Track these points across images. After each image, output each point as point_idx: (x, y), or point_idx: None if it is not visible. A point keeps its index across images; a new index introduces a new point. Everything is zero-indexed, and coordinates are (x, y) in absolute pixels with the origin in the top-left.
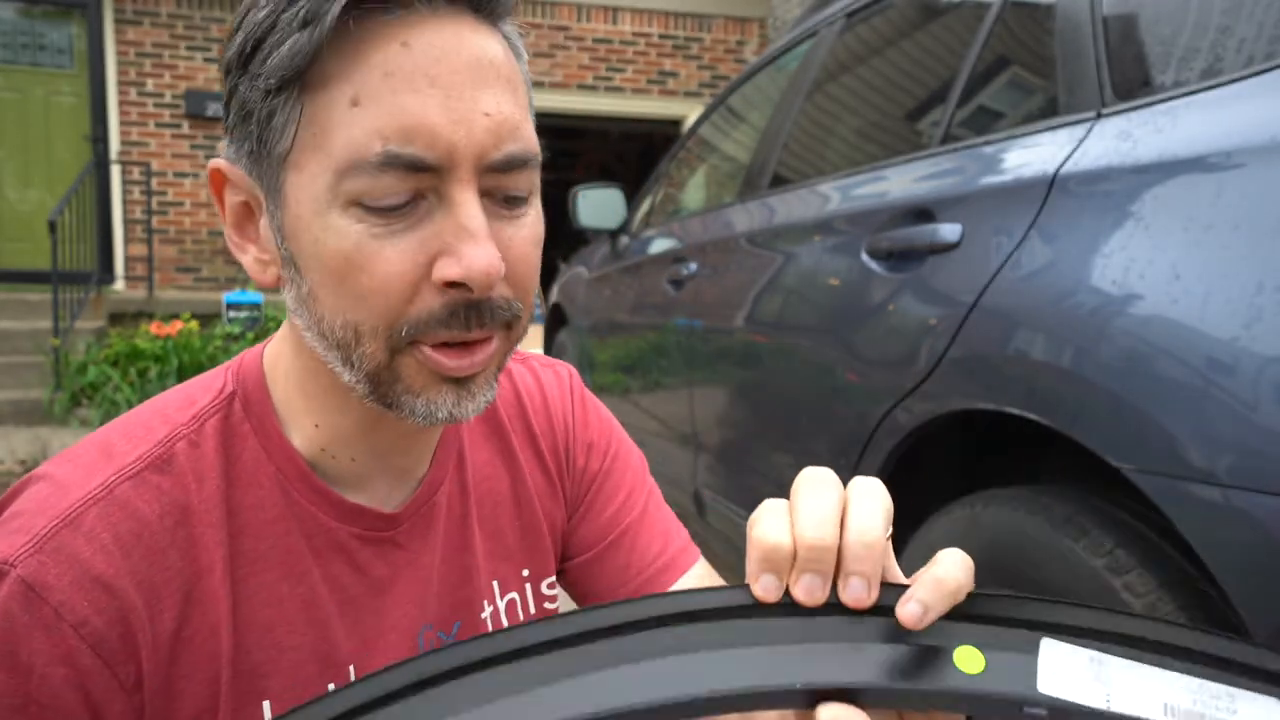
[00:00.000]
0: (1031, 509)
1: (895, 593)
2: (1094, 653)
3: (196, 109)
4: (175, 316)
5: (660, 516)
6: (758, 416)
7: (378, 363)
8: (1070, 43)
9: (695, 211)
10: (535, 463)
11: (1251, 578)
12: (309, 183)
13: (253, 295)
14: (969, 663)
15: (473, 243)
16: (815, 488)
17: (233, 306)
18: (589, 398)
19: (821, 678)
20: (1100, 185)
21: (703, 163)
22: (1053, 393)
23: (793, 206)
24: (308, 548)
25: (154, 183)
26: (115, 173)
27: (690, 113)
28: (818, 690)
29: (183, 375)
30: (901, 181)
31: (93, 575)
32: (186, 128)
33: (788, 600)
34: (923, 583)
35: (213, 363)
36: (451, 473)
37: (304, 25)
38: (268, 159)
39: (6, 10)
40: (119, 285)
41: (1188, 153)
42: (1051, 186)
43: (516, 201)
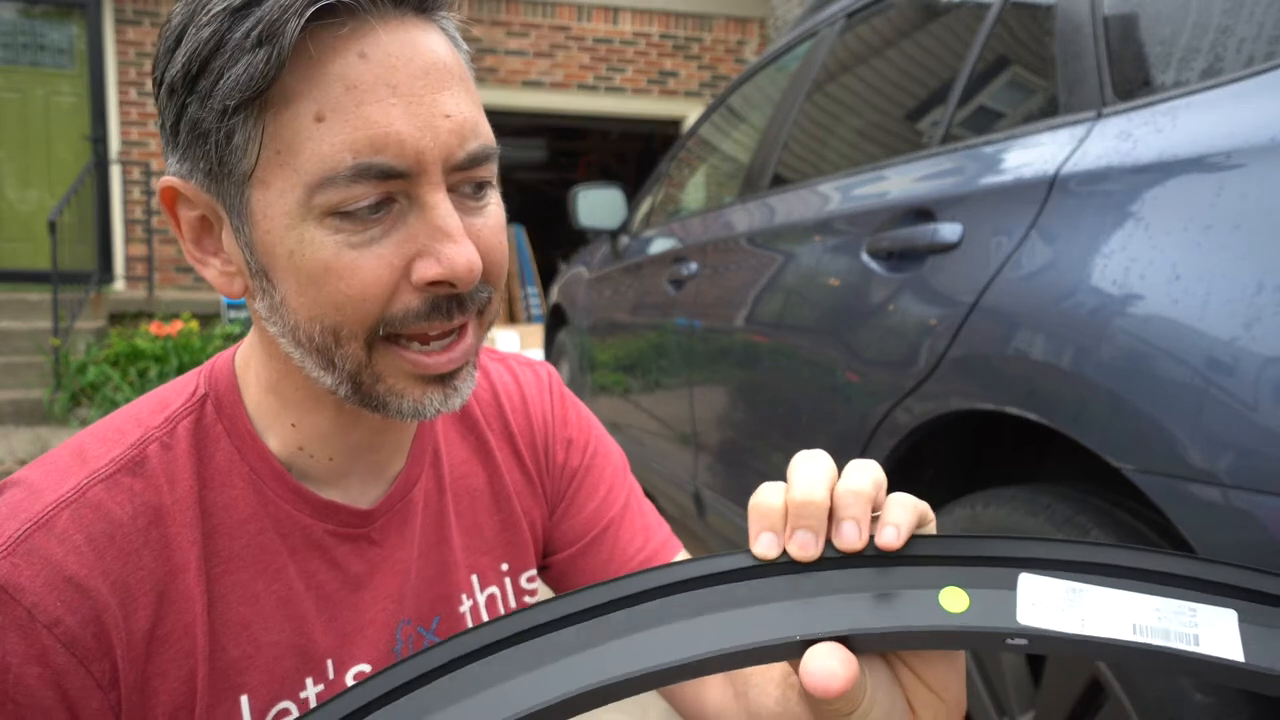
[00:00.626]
0: (1031, 509)
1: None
2: (1068, 583)
3: None
4: (175, 316)
5: (641, 511)
6: (758, 416)
7: (358, 363)
8: (1070, 43)
9: (695, 211)
10: (513, 459)
11: None
12: (277, 199)
13: None
14: (954, 602)
15: (451, 243)
16: (807, 460)
17: (233, 307)
18: (568, 395)
19: (816, 628)
20: (1100, 185)
21: (703, 163)
22: (1053, 392)
23: (793, 206)
24: (283, 545)
25: (154, 183)
26: (115, 173)
27: (690, 113)
28: (814, 639)
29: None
30: (901, 181)
31: (65, 576)
32: None
33: (785, 559)
34: (889, 505)
35: None
36: (427, 469)
37: (259, 44)
38: (229, 178)
39: (6, 10)
40: (119, 285)
41: (1188, 153)
42: (1052, 186)
43: (480, 191)
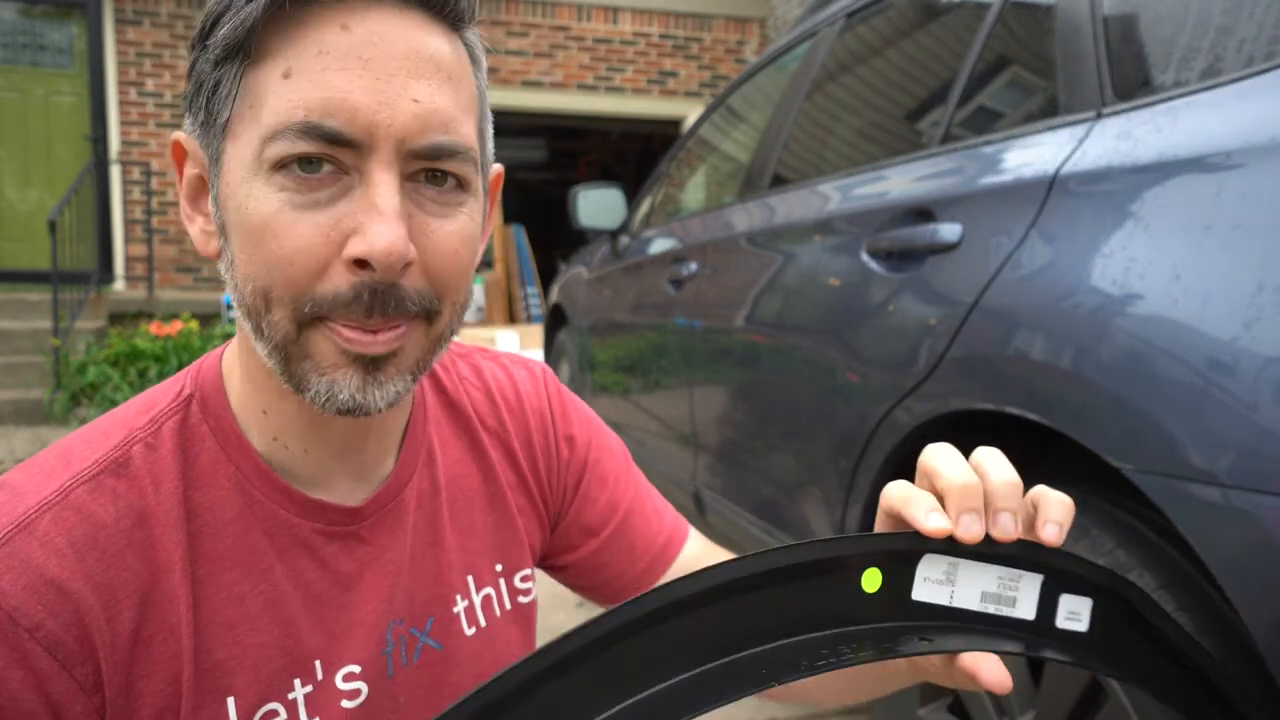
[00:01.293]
0: None
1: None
2: (954, 560)
3: None
4: (175, 316)
5: (649, 495)
6: (758, 416)
7: (285, 334)
8: (1070, 43)
9: (695, 211)
10: (506, 459)
11: (1251, 578)
12: (241, 150)
13: None
14: (871, 582)
15: (380, 220)
16: (947, 450)
17: (233, 306)
18: (565, 391)
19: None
20: (1100, 185)
21: (703, 163)
22: (1053, 392)
23: (793, 206)
24: (270, 545)
25: (154, 183)
26: (115, 173)
27: (690, 113)
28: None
29: None
30: (901, 181)
31: (47, 579)
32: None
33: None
34: (1050, 503)
35: None
36: (420, 470)
37: (248, 1)
38: (213, 128)
39: (6, 10)
40: (119, 285)
41: (1188, 153)
42: (1052, 186)
43: (447, 188)
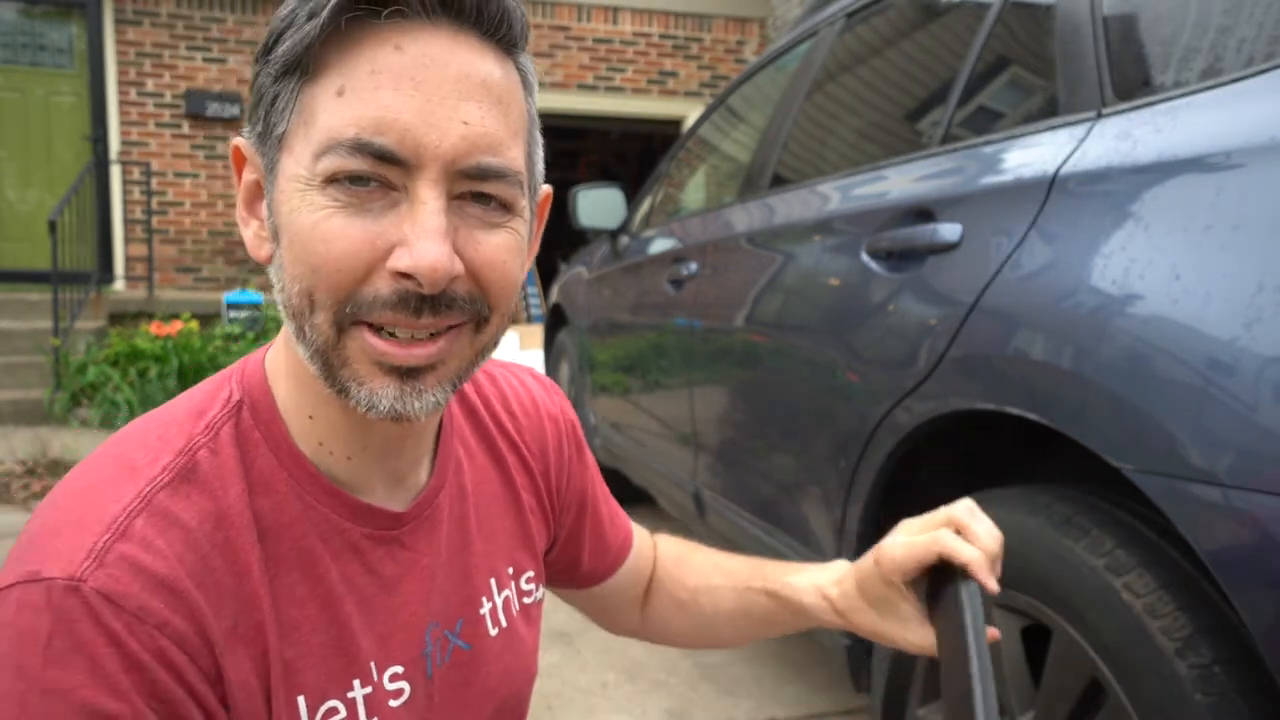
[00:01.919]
0: (1031, 509)
1: None
2: None
3: (196, 109)
4: (175, 316)
5: (606, 489)
6: (758, 416)
7: (326, 338)
8: (1070, 43)
9: (695, 211)
10: (519, 463)
11: (1251, 578)
12: (295, 163)
13: (253, 295)
14: None
15: (426, 239)
16: (980, 512)
17: (233, 306)
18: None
19: None
20: (1100, 185)
21: (703, 163)
22: (1053, 392)
23: (793, 206)
24: (325, 549)
25: (154, 183)
26: (115, 173)
27: (690, 113)
28: None
29: (183, 375)
30: (901, 181)
31: (158, 580)
32: (186, 128)
33: None
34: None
35: (213, 363)
36: (451, 477)
37: (309, 18)
38: (269, 139)
39: (6, 10)
40: (119, 285)
41: (1188, 153)
42: (1051, 187)
43: (492, 208)
